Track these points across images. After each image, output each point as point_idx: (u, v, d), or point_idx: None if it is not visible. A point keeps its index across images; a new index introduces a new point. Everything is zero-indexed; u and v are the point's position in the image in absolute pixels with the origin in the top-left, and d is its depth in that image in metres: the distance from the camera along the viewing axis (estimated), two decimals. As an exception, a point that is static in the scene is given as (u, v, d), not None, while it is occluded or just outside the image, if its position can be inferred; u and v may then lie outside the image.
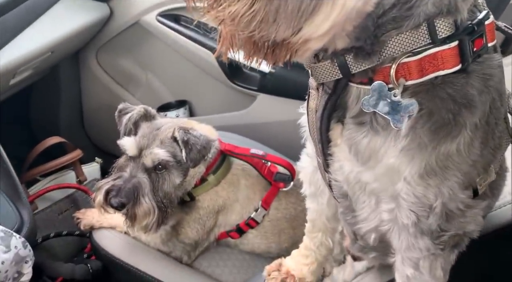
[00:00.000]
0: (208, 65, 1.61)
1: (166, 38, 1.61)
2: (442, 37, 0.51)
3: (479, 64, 0.54)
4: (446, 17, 0.51)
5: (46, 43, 1.20)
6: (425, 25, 0.51)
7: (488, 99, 0.55)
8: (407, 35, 0.51)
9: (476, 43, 0.52)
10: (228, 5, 0.47)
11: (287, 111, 1.59)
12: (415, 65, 0.52)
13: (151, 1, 1.57)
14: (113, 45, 1.68)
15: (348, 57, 0.54)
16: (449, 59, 0.51)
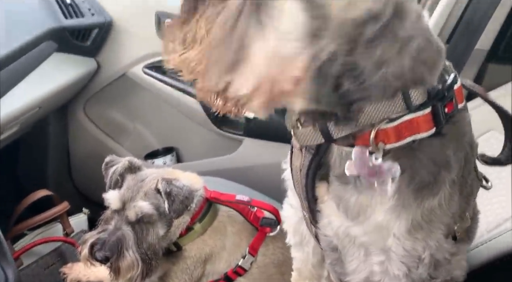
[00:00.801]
0: (194, 112, 1.66)
1: (153, 89, 1.66)
2: (416, 105, 0.55)
3: (453, 125, 0.58)
4: (417, 87, 0.54)
5: (34, 100, 1.24)
6: (401, 96, 0.54)
7: (463, 155, 0.59)
8: (383, 105, 0.54)
9: (448, 106, 0.56)
10: (183, 51, 0.49)
11: (272, 154, 1.62)
12: (392, 130, 0.55)
13: (138, 54, 1.63)
14: (101, 97, 1.72)
15: (329, 124, 0.56)
16: (424, 124, 0.55)
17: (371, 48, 0.50)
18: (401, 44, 0.52)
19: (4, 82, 1.12)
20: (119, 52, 1.62)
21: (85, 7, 1.49)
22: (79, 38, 1.48)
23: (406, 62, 0.52)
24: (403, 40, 0.52)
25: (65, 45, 1.40)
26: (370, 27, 0.49)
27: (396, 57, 0.51)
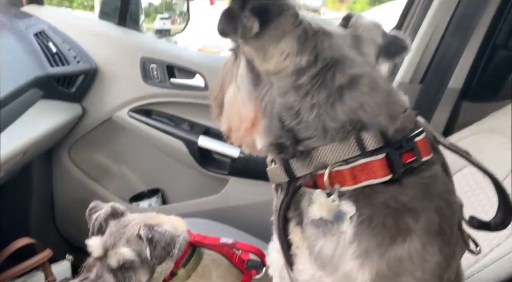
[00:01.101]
0: (179, 153, 1.68)
1: (139, 132, 1.69)
2: (370, 150, 0.57)
3: (414, 175, 0.59)
4: (369, 131, 0.57)
5: (18, 146, 1.24)
6: (353, 139, 0.57)
7: (431, 206, 0.59)
8: (336, 146, 0.58)
9: (405, 156, 0.58)
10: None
11: (259, 193, 1.64)
12: (348, 173, 0.58)
13: (123, 98, 1.66)
14: (86, 141, 1.73)
15: (292, 162, 0.61)
16: (379, 170, 0.57)
17: (302, 93, 0.59)
18: (330, 91, 0.58)
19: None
20: (104, 97, 1.65)
21: (71, 55, 1.53)
22: (65, 84, 1.50)
23: (339, 106, 0.58)
24: (333, 88, 0.58)
25: (50, 92, 1.42)
26: (299, 77, 0.59)
27: (326, 101, 0.58)
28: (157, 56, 1.62)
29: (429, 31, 1.41)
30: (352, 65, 0.59)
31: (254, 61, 0.61)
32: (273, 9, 0.57)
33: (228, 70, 0.69)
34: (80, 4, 9.11)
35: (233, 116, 0.68)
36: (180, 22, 2.22)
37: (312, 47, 0.59)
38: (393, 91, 0.62)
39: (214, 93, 0.75)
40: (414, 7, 1.49)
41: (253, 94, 0.63)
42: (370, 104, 0.58)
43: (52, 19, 1.59)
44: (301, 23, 0.59)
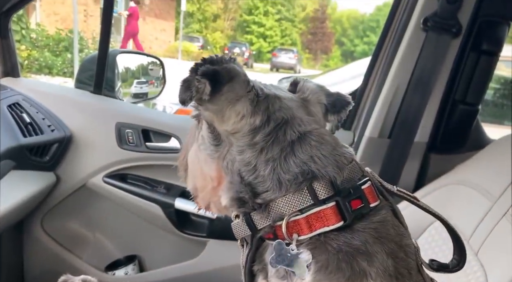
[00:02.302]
0: (156, 217, 1.65)
1: (113, 197, 1.66)
2: (322, 199, 0.62)
3: (363, 220, 0.63)
4: (319, 181, 0.62)
5: (-13, 221, 1.21)
6: (306, 189, 0.62)
7: (384, 249, 0.62)
8: (290, 197, 0.62)
9: (353, 203, 0.63)
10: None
11: (238, 254, 1.60)
12: (304, 222, 0.62)
13: (98, 164, 1.66)
14: (60, 210, 1.70)
15: (253, 215, 0.65)
16: (331, 217, 0.61)
17: (257, 149, 0.64)
18: (282, 146, 0.64)
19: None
20: (79, 164, 1.65)
21: (45, 124, 1.54)
22: (38, 154, 1.50)
23: (291, 159, 0.63)
24: (285, 143, 0.64)
25: (23, 162, 1.41)
26: (254, 135, 0.65)
27: (279, 155, 0.64)
28: (132, 121, 1.65)
29: (392, 88, 1.49)
30: (301, 123, 0.67)
31: (214, 123, 0.68)
32: (223, 73, 0.63)
33: (191, 134, 0.76)
34: (60, 70, 9.29)
35: (196, 175, 0.73)
36: (157, 85, 2.28)
37: (264, 108, 0.66)
38: (339, 145, 0.68)
39: (180, 156, 0.81)
40: (377, 66, 1.59)
41: (215, 154, 0.68)
42: (319, 156, 0.64)
43: (27, 90, 1.62)
44: (253, 88, 0.67)
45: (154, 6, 18.38)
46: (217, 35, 32.25)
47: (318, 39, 34.26)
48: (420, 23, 1.39)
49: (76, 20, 9.13)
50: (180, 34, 19.55)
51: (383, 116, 1.51)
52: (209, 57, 0.64)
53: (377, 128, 1.52)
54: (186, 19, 27.75)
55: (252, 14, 34.55)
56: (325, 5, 36.46)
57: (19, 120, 1.45)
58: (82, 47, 9.95)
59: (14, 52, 1.71)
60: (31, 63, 8.91)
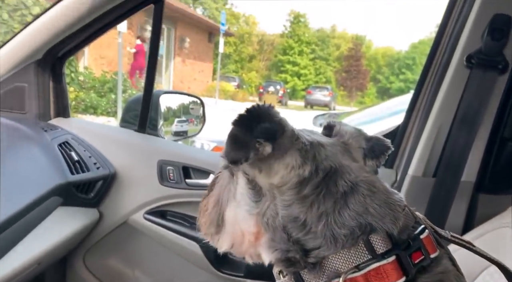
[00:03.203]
0: (193, 255, 1.64)
1: (153, 234, 1.68)
2: (380, 253, 0.58)
3: (426, 272, 0.59)
4: (377, 234, 0.58)
5: (34, 256, 1.24)
6: (362, 243, 0.58)
7: None
8: (345, 253, 0.58)
9: (414, 256, 0.58)
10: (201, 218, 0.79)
11: (277, 297, 1.56)
12: (362, 279, 0.57)
13: (139, 201, 1.69)
14: (101, 246, 1.73)
15: (304, 274, 0.60)
16: (392, 273, 0.57)
17: (307, 203, 0.60)
18: (335, 198, 0.60)
19: (9, 240, 1.14)
20: (121, 201, 1.69)
21: (91, 162, 1.60)
22: (84, 191, 1.55)
23: (346, 213, 0.59)
24: (338, 195, 0.60)
25: (69, 199, 1.46)
26: (302, 187, 0.61)
27: (333, 209, 0.59)
28: (174, 158, 1.69)
29: (436, 126, 1.45)
30: (351, 172, 0.63)
31: (256, 178, 0.64)
32: (278, 130, 0.60)
33: (224, 188, 0.71)
34: (104, 110, 9.76)
35: (236, 234, 0.69)
36: (196, 124, 2.34)
37: (312, 157, 0.62)
38: (390, 192, 0.64)
39: (206, 210, 0.76)
40: (419, 103, 1.56)
41: (255, 210, 0.65)
42: (374, 207, 0.60)
43: (76, 129, 1.70)
44: (299, 137, 0.63)
45: (193, 49, 19.22)
46: (253, 74, 33.07)
47: (353, 77, 34.36)
48: (464, 60, 1.37)
49: (121, 63, 9.65)
50: (217, 74, 20.20)
51: (427, 154, 1.46)
52: (254, 110, 0.60)
53: (421, 166, 1.47)
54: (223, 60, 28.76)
55: (286, 54, 35.34)
56: (360, 44, 36.81)
57: (68, 158, 1.52)
58: (125, 88, 10.46)
59: (66, 95, 1.82)
60: (78, 103, 9.43)
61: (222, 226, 0.71)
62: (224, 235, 0.71)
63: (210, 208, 0.74)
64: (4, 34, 7.73)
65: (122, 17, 1.63)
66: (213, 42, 21.27)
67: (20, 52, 1.63)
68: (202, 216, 0.77)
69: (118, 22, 1.69)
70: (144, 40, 10.28)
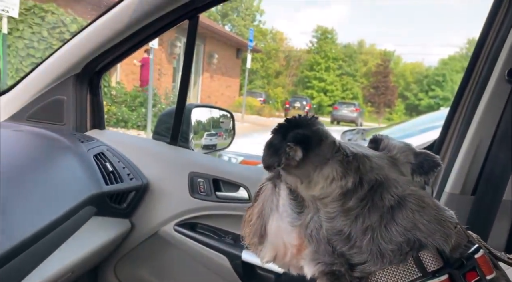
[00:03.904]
0: (222, 268, 1.63)
1: (183, 246, 1.68)
2: (431, 271, 0.55)
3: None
4: (427, 251, 0.56)
5: (68, 265, 1.26)
6: (411, 260, 0.56)
7: None
8: (394, 269, 0.56)
9: (468, 276, 0.56)
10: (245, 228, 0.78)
11: (306, 315, 1.52)
12: None
13: (170, 213, 1.70)
14: (132, 257, 1.74)
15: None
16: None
17: (352, 216, 0.59)
18: (381, 212, 0.58)
19: (44, 249, 1.16)
20: (152, 212, 1.70)
21: (125, 173, 1.62)
22: (117, 201, 1.57)
23: (393, 227, 0.57)
24: (385, 209, 0.58)
25: (103, 209, 1.48)
26: (346, 200, 0.59)
27: (379, 223, 0.57)
28: (204, 170, 1.70)
29: (475, 141, 1.41)
30: (398, 185, 0.61)
31: (297, 189, 0.63)
32: (314, 137, 0.60)
33: (267, 199, 0.71)
34: (134, 124, 10.00)
35: (278, 245, 0.69)
36: (225, 138, 2.36)
37: (355, 169, 0.61)
38: (440, 208, 0.62)
39: (250, 220, 0.76)
40: (456, 117, 1.51)
41: (297, 222, 0.64)
42: (423, 222, 0.57)
43: (111, 141, 1.74)
44: (340, 148, 0.62)
45: (221, 65, 19.54)
46: (279, 90, 33.21)
47: (381, 93, 33.96)
48: (505, 75, 1.33)
49: (151, 78, 9.90)
50: (244, 90, 20.41)
51: (466, 171, 1.41)
52: (294, 119, 0.61)
53: (459, 184, 1.42)
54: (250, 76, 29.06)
55: (313, 70, 35.38)
56: (388, 60, 36.46)
57: (103, 169, 1.55)
58: (155, 102, 10.70)
59: (102, 108, 1.88)
60: (110, 117, 9.70)
61: (265, 236, 0.71)
62: (267, 246, 0.71)
63: (254, 218, 0.74)
64: (44, 50, 8.08)
65: (158, 33, 1.67)
66: (241, 58, 21.57)
67: (60, 66, 1.70)
68: (246, 226, 0.77)
69: (153, 38, 1.74)
70: (149, 53, 10.46)
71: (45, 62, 1.72)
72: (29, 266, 1.10)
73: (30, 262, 1.10)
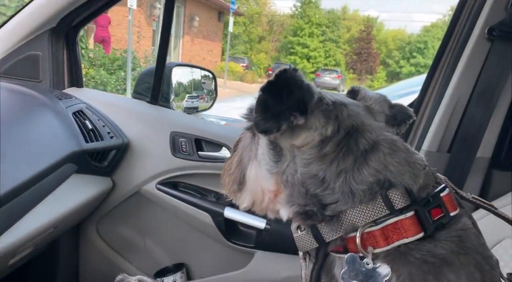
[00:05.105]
0: (205, 226, 1.66)
1: (165, 204, 1.70)
2: (399, 208, 0.58)
3: (445, 229, 0.59)
4: (395, 190, 0.59)
5: (50, 220, 1.26)
6: (380, 199, 0.58)
7: (470, 260, 0.58)
8: (363, 208, 0.58)
9: (433, 213, 0.59)
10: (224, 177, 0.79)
11: (285, 267, 1.58)
12: (379, 233, 0.58)
13: (152, 172, 1.70)
14: (114, 215, 1.75)
15: (321, 227, 0.61)
16: (410, 228, 0.57)
17: (327, 161, 0.61)
18: (355, 156, 0.60)
19: (25, 204, 1.16)
20: (134, 171, 1.70)
21: (105, 131, 1.60)
22: (97, 159, 1.56)
23: (365, 169, 0.59)
24: (358, 152, 0.60)
25: (84, 166, 1.47)
26: (324, 146, 0.61)
27: (353, 166, 0.60)
28: (186, 130, 1.69)
29: (453, 100, 1.43)
30: (372, 130, 0.63)
31: (277, 139, 0.64)
32: (310, 100, 0.61)
33: (246, 148, 0.72)
34: (114, 88, 9.77)
35: (256, 191, 0.71)
36: (207, 100, 2.33)
37: (334, 117, 0.63)
38: (411, 151, 0.64)
39: (229, 169, 0.77)
40: (436, 77, 1.53)
41: (275, 170, 0.66)
42: (394, 164, 0.60)
43: (90, 99, 1.71)
44: (322, 98, 0.63)
45: (202, 28, 19.06)
46: (262, 56, 32.76)
47: (363, 60, 33.93)
48: (485, 33, 1.34)
49: (130, 41, 9.61)
50: (226, 55, 20.07)
51: (443, 129, 1.45)
52: (283, 77, 0.59)
53: (436, 142, 1.46)
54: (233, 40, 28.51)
55: (297, 36, 34.88)
56: (371, 26, 36.18)
57: (82, 126, 1.52)
58: (134, 66, 10.44)
59: (79, 65, 1.82)
60: (88, 80, 9.45)
61: (243, 184, 0.73)
62: (246, 193, 0.73)
63: (233, 167, 0.75)
64: (15, 8, 7.71)
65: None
66: (223, 21, 21.06)
67: (34, 20, 1.62)
68: (226, 175, 0.78)
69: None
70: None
71: (19, 15, 1.64)
72: (10, 220, 1.10)
73: (11, 216, 1.10)
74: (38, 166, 1.22)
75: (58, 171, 1.32)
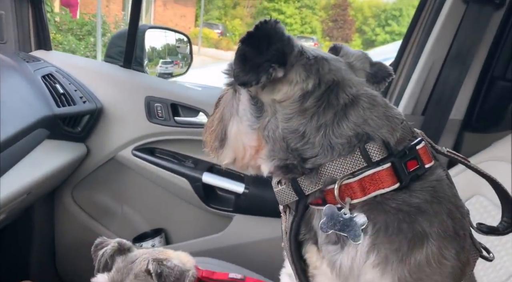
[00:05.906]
0: (183, 191, 1.66)
1: (142, 170, 1.68)
2: (376, 160, 0.59)
3: (420, 180, 0.61)
4: (373, 143, 0.60)
5: (23, 186, 1.23)
6: (358, 151, 0.59)
7: (443, 209, 0.61)
8: (342, 161, 0.60)
9: (409, 164, 0.60)
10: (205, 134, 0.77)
11: (263, 230, 1.61)
12: (356, 185, 0.60)
13: (128, 137, 1.67)
14: (89, 181, 1.72)
15: (301, 180, 0.62)
16: (387, 179, 0.59)
17: (307, 116, 0.61)
18: (335, 110, 0.61)
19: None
20: (109, 136, 1.67)
21: (77, 96, 1.55)
22: (70, 124, 1.52)
23: (344, 123, 0.60)
24: (338, 107, 0.61)
25: (56, 132, 1.43)
26: (304, 101, 0.61)
27: (332, 121, 0.60)
28: (162, 95, 1.65)
29: (428, 64, 1.45)
30: (352, 85, 0.64)
31: (258, 94, 0.64)
32: (290, 53, 0.60)
33: (227, 104, 0.71)
34: (83, 54, 9.41)
35: (238, 147, 0.70)
36: (182, 66, 2.28)
37: (315, 71, 0.63)
38: (389, 106, 0.65)
39: (211, 127, 0.76)
40: (412, 41, 1.54)
41: (256, 125, 0.65)
42: (373, 118, 0.61)
43: (59, 62, 1.64)
44: (303, 52, 0.63)
45: (174, -8, 18.40)
46: (237, 22, 32.06)
47: (339, 27, 33.72)
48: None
49: (99, 4, 9.19)
50: (200, 21, 19.52)
51: (417, 93, 1.47)
52: (263, 28, 0.58)
53: (411, 105, 1.48)
54: (206, 5, 27.67)
55: (272, 1, 34.19)
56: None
57: (53, 91, 1.47)
58: (104, 31, 10.03)
59: (46, 26, 1.73)
60: (56, 46, 9.04)
61: (225, 140, 0.72)
62: (227, 149, 0.72)
63: (215, 124, 0.74)
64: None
65: None
66: (196, -15, 20.36)
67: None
68: (208, 132, 0.77)
69: None
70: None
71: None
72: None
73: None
74: (7, 131, 1.18)
75: (29, 136, 1.28)
